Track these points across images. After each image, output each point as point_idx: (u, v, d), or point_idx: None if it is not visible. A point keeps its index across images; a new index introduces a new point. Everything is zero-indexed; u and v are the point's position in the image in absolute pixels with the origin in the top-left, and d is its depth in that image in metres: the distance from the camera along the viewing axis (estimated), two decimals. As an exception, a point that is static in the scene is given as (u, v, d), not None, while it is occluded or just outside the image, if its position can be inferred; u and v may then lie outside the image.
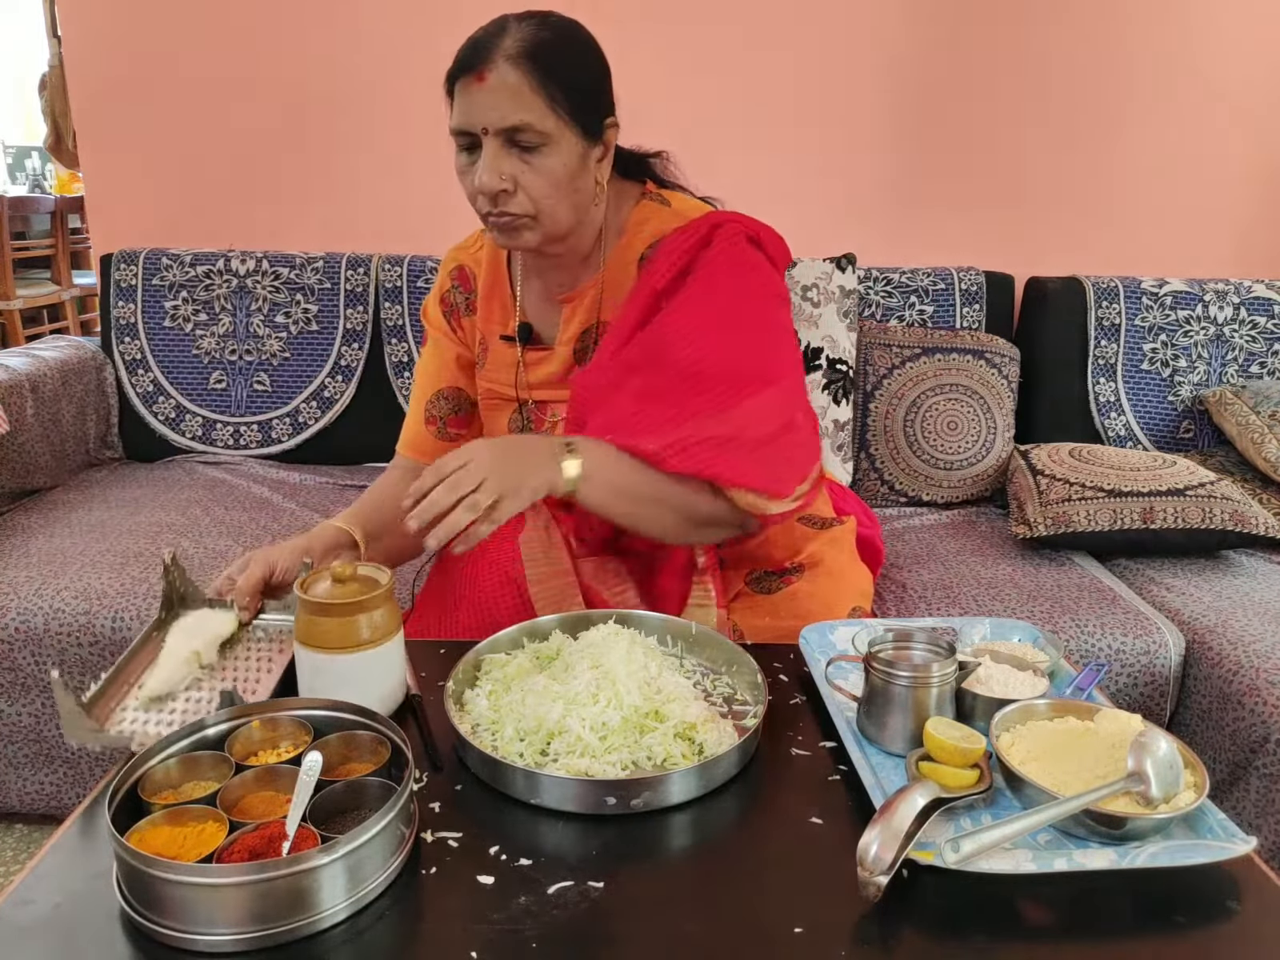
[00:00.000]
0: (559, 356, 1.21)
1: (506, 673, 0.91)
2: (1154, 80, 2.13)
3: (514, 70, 1.02)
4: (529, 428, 1.25)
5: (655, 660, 0.90)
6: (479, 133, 1.03)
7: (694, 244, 1.10)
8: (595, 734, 0.81)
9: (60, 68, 3.78)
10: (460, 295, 1.29)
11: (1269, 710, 1.27)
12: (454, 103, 1.06)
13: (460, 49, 1.08)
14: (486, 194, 1.04)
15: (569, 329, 1.20)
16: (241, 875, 0.61)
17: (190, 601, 1.00)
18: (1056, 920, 0.67)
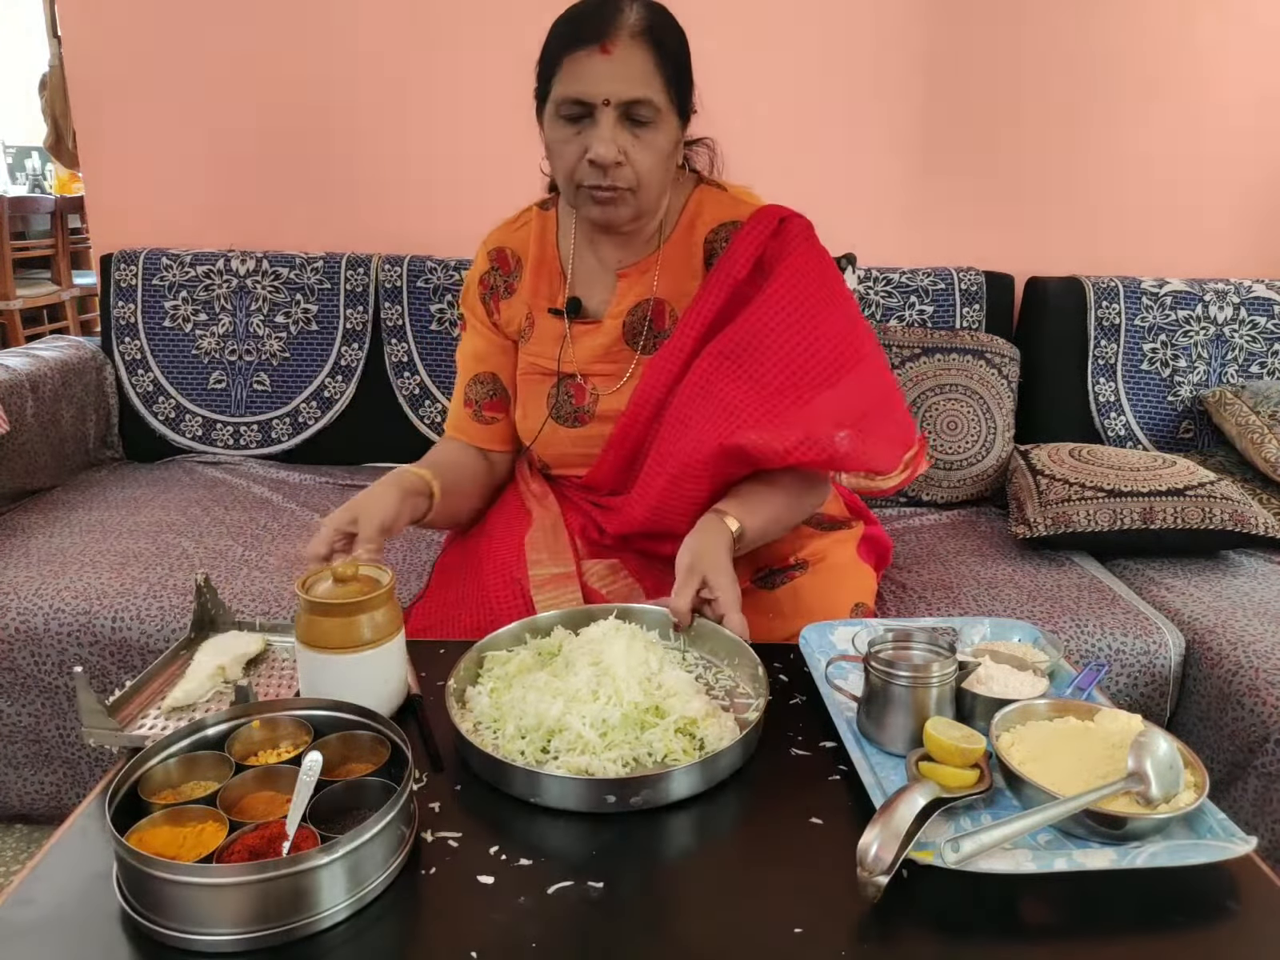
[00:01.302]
0: (607, 330, 1.23)
1: (508, 670, 0.91)
2: (1154, 80, 2.13)
3: (638, 46, 1.05)
4: (568, 401, 1.26)
5: (656, 655, 0.90)
6: (598, 104, 1.05)
7: (766, 236, 1.16)
8: (595, 731, 0.81)
9: (60, 68, 3.78)
10: (499, 278, 1.30)
11: (1268, 710, 1.27)
12: (561, 71, 1.07)
13: (568, 21, 1.09)
14: (602, 165, 1.07)
15: (622, 303, 1.23)
16: (241, 875, 0.61)
17: (220, 624, 1.02)
18: (1056, 920, 0.67)
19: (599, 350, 1.24)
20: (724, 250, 1.18)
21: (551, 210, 1.30)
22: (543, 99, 1.13)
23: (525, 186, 2.14)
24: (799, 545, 1.27)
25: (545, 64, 1.12)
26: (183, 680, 0.91)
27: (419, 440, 2.07)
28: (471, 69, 2.11)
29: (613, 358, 1.24)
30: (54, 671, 1.46)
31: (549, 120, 1.12)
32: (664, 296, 1.22)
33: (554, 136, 1.11)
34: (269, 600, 1.47)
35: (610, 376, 1.24)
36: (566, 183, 1.13)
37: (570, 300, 1.24)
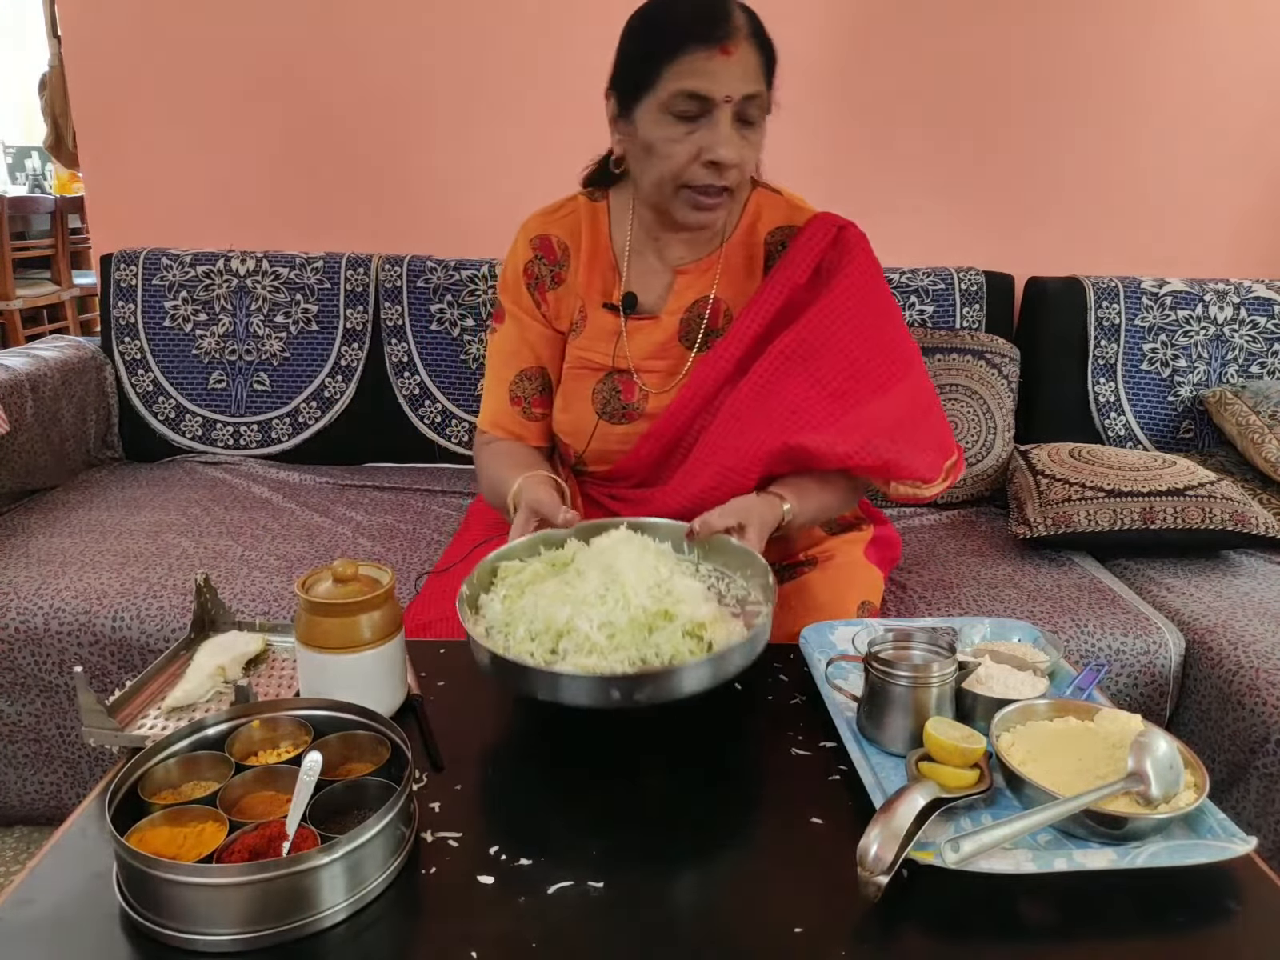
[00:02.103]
0: (664, 326, 1.24)
1: (521, 579, 0.92)
2: (1154, 80, 2.13)
3: (751, 48, 1.07)
4: (615, 398, 1.25)
5: (667, 564, 0.90)
6: (719, 101, 1.05)
7: (826, 244, 1.19)
8: (603, 633, 0.81)
9: (60, 68, 3.78)
10: (545, 266, 1.27)
11: (1269, 710, 1.27)
12: (674, 68, 1.05)
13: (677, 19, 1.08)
14: (726, 164, 1.07)
15: (681, 299, 1.23)
16: (241, 875, 0.61)
17: (220, 624, 1.02)
18: (1056, 920, 0.67)
19: (653, 347, 1.24)
20: (782, 254, 1.20)
21: (602, 201, 1.27)
22: (634, 94, 1.10)
23: (525, 186, 2.15)
24: (809, 543, 1.27)
25: (644, 60, 1.08)
26: (183, 680, 0.91)
27: (419, 440, 2.07)
28: (472, 69, 2.11)
29: (665, 354, 1.24)
30: (54, 671, 1.46)
31: (654, 117, 1.08)
32: (721, 296, 1.23)
33: (662, 134, 1.08)
34: (269, 600, 1.47)
35: (661, 374, 1.24)
36: (668, 182, 1.11)
37: (626, 296, 1.23)
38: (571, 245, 1.26)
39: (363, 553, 1.63)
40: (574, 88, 2.11)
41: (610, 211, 1.27)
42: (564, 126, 2.12)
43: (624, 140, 1.16)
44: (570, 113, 2.11)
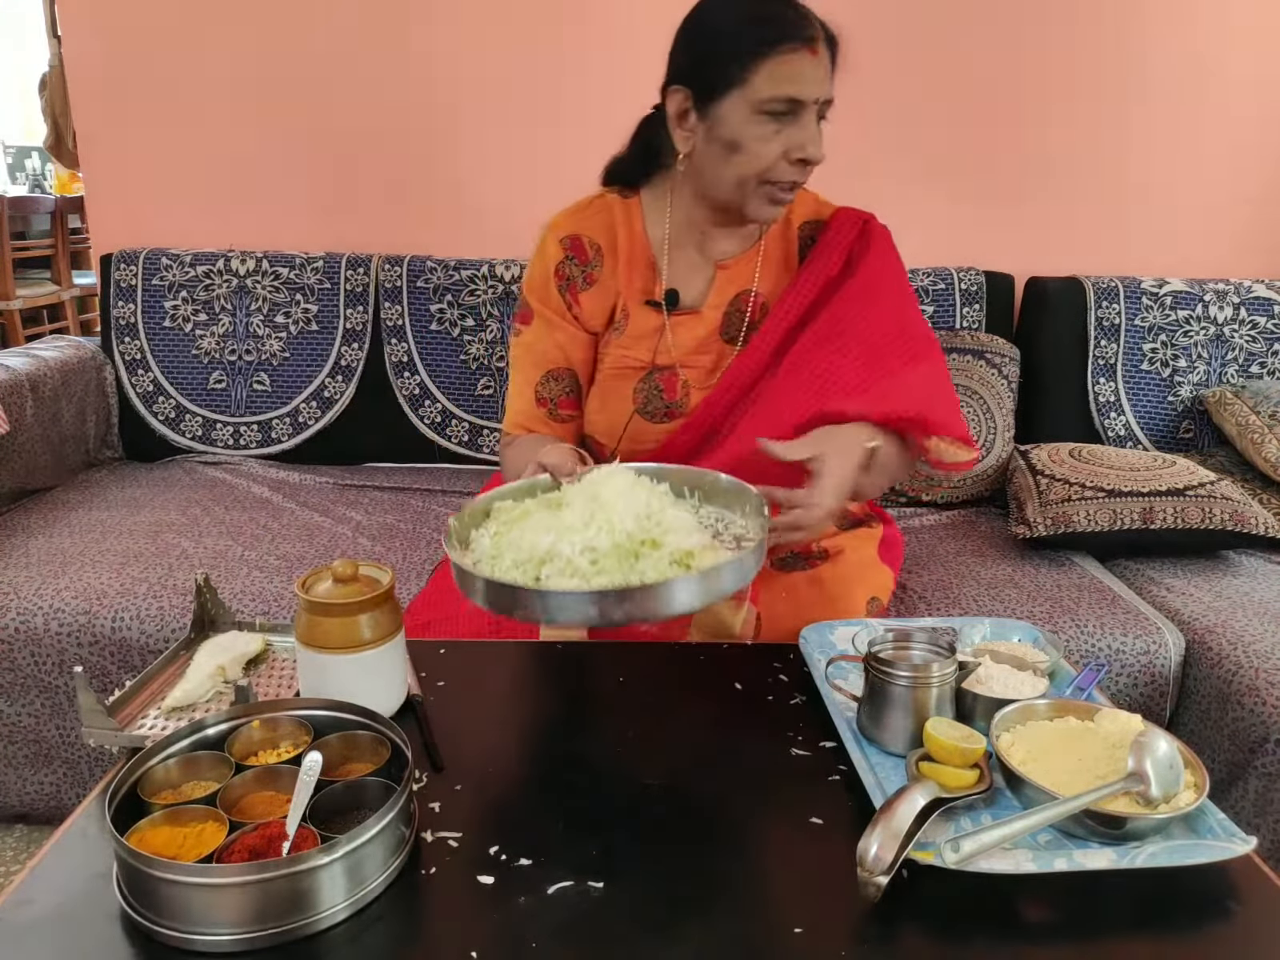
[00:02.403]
0: (706, 321, 1.25)
1: (512, 516, 0.90)
2: (1154, 80, 2.13)
3: (827, 50, 1.11)
4: (658, 396, 1.25)
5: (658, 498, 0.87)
6: (809, 102, 1.09)
7: (854, 237, 1.24)
8: (585, 557, 0.79)
9: (60, 68, 3.78)
10: (576, 267, 1.25)
11: (1269, 710, 1.27)
12: (767, 66, 1.07)
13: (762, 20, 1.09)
14: (813, 163, 1.12)
15: (722, 294, 1.25)
16: (241, 875, 0.61)
17: (220, 624, 1.02)
18: (1056, 920, 0.67)
19: (695, 342, 1.24)
20: (814, 247, 1.25)
21: (633, 198, 1.27)
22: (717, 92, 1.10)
23: (525, 186, 2.15)
24: (822, 536, 1.27)
25: (731, 57, 1.09)
26: (183, 680, 0.91)
27: (419, 440, 2.07)
28: (472, 68, 2.11)
29: (707, 349, 1.25)
30: (54, 671, 1.46)
31: (742, 115, 1.09)
32: (760, 290, 1.25)
33: (753, 133, 1.10)
34: (269, 600, 1.47)
35: (703, 369, 1.25)
36: (752, 179, 1.12)
37: (669, 292, 1.24)
38: (604, 244, 1.25)
39: (363, 553, 1.63)
40: (575, 87, 2.11)
41: (644, 208, 1.26)
42: (564, 126, 2.12)
43: (691, 136, 1.15)
44: (571, 112, 2.11)
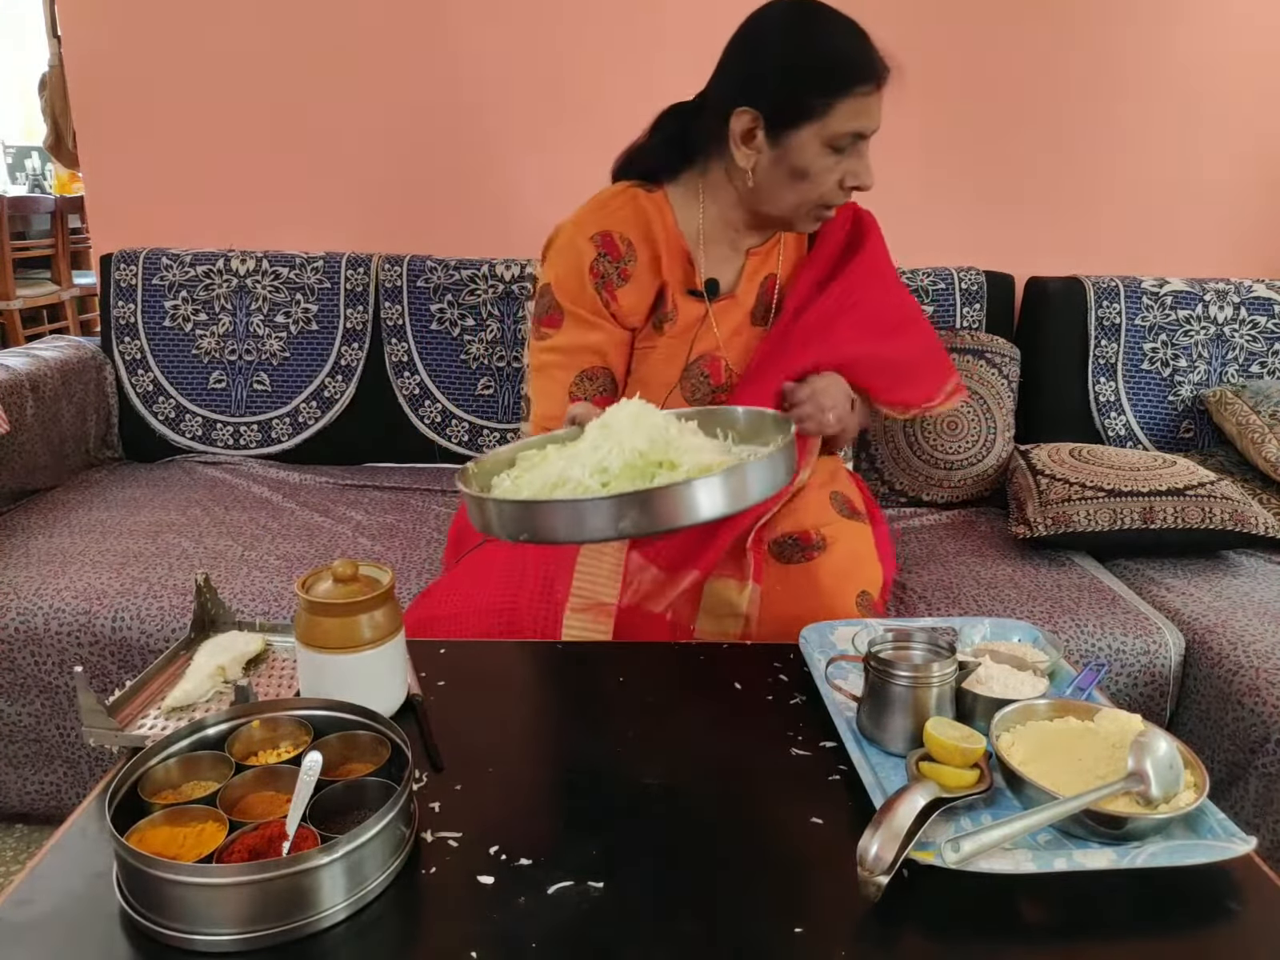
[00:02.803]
0: (742, 305, 1.31)
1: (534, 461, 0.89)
2: (1154, 80, 2.13)
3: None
4: (704, 383, 1.29)
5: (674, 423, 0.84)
6: (869, 134, 1.21)
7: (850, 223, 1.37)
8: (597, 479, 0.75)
9: (60, 68, 3.78)
10: (610, 264, 1.24)
11: (1269, 710, 1.27)
12: (845, 105, 1.17)
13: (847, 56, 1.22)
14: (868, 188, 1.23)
15: (753, 280, 1.32)
16: (241, 875, 0.61)
17: (220, 624, 1.02)
18: (1056, 920, 0.67)
19: (733, 327, 1.30)
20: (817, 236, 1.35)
21: (660, 193, 1.28)
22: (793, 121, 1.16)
23: (525, 186, 2.15)
24: (823, 520, 1.29)
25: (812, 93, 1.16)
26: (183, 680, 0.91)
27: (419, 440, 2.07)
28: (472, 69, 2.11)
29: (740, 332, 1.31)
30: (54, 671, 1.46)
31: (815, 147, 1.16)
32: (780, 273, 1.33)
33: (821, 164, 1.17)
34: (269, 600, 1.47)
35: (738, 351, 1.31)
36: (809, 202, 1.20)
37: (709, 281, 1.28)
38: (635, 238, 1.25)
39: (363, 553, 1.63)
40: (575, 86, 2.11)
41: (672, 204, 1.28)
42: (565, 125, 2.12)
43: (754, 156, 1.19)
44: (571, 113, 2.11)
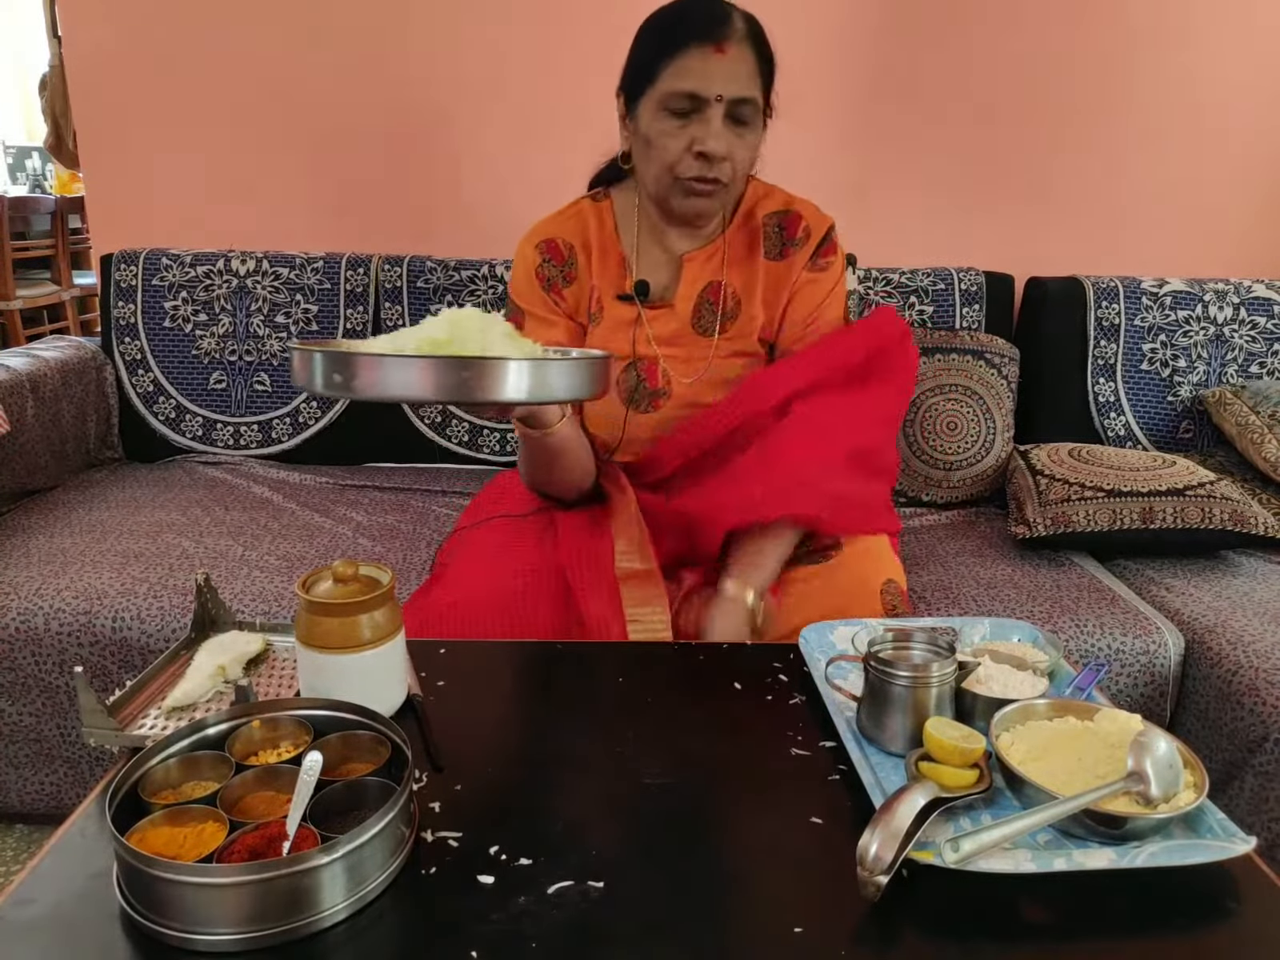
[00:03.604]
0: (678, 314, 1.30)
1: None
2: (1154, 80, 2.13)
3: (748, 49, 1.14)
4: (642, 385, 1.30)
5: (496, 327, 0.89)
6: (711, 99, 1.12)
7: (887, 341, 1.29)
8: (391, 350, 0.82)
9: (60, 68, 3.78)
10: (554, 269, 1.31)
11: (1268, 710, 1.27)
12: (671, 65, 1.12)
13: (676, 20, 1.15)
14: (712, 158, 1.14)
15: (691, 286, 1.30)
16: (241, 875, 0.61)
17: (220, 624, 1.02)
18: (1056, 920, 0.67)
19: (669, 334, 1.30)
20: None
21: (605, 201, 1.33)
22: (637, 90, 1.17)
23: (525, 186, 2.15)
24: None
25: (647, 59, 1.16)
26: (183, 680, 0.91)
27: (419, 440, 2.07)
28: (473, 69, 2.11)
29: (682, 341, 1.30)
30: (54, 671, 1.46)
31: (651, 113, 1.16)
32: (728, 281, 1.30)
33: (658, 129, 1.15)
34: (269, 600, 1.47)
35: (681, 360, 1.30)
36: (664, 173, 1.18)
37: (638, 283, 1.29)
38: (578, 244, 1.31)
39: (363, 553, 1.63)
40: (575, 87, 2.11)
41: (615, 211, 1.32)
42: (564, 126, 2.12)
43: (630, 137, 1.23)
44: (571, 114, 2.11)
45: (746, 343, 1.31)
